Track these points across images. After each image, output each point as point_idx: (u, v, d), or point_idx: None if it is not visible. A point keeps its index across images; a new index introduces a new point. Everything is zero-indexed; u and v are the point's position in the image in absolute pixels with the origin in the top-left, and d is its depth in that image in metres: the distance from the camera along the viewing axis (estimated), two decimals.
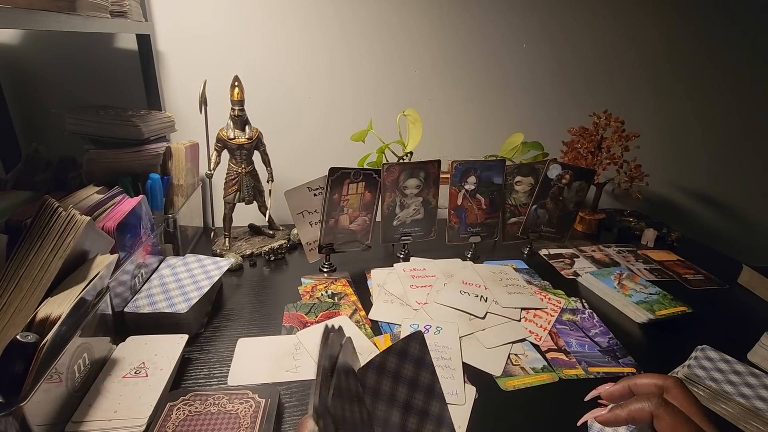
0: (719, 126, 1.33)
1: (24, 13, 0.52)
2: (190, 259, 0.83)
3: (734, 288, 0.94)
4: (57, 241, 0.53)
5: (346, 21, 1.07)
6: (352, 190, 0.87)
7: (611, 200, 1.35)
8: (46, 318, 0.48)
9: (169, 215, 0.87)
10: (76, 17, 0.63)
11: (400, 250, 0.99)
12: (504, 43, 1.15)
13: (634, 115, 1.16)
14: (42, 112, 1.02)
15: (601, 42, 1.19)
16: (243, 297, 0.83)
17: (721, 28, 1.21)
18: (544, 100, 1.23)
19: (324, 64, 1.10)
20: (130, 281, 0.71)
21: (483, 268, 0.93)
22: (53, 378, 0.47)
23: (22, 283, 0.50)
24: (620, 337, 0.74)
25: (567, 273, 0.95)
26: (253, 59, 1.06)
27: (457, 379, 0.62)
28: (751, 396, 0.58)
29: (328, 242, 0.90)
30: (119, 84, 1.03)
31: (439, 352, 0.67)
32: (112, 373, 0.57)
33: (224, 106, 0.90)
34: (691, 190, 1.40)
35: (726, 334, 0.77)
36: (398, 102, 1.16)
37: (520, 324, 0.76)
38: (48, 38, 0.98)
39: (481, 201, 0.97)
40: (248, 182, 0.97)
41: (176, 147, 0.93)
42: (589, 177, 0.99)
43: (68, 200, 0.69)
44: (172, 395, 0.55)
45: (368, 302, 0.81)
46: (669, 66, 1.24)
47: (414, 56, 1.13)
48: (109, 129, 0.85)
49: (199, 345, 0.69)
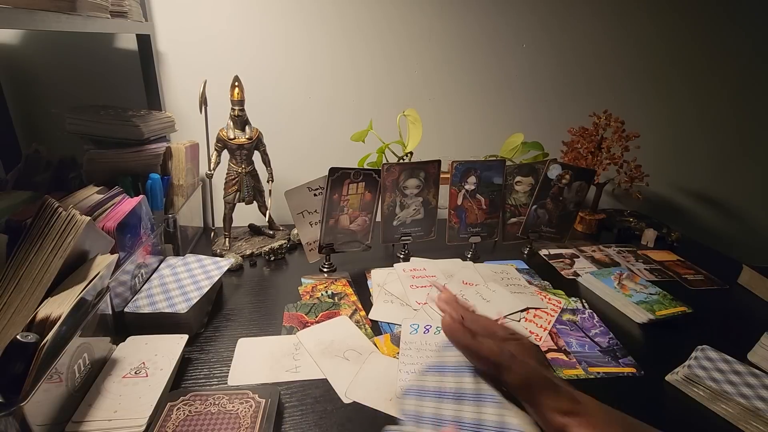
0: (719, 126, 1.33)
1: (24, 13, 0.52)
2: (190, 259, 0.83)
3: (734, 288, 0.94)
4: (57, 241, 0.53)
5: (347, 21, 1.07)
6: (352, 190, 0.87)
7: (611, 200, 1.35)
8: (46, 318, 0.48)
9: (169, 215, 0.87)
10: (76, 17, 0.63)
11: (400, 250, 0.99)
12: (504, 43, 1.15)
13: (634, 115, 1.16)
14: (42, 112, 1.02)
15: (601, 42, 1.19)
16: (243, 297, 0.83)
17: (721, 27, 1.21)
18: (545, 100, 1.23)
19: (324, 64, 1.10)
20: (130, 281, 0.71)
21: (484, 268, 0.93)
22: (53, 378, 0.47)
23: (22, 283, 0.50)
24: (620, 337, 0.74)
25: (567, 273, 0.95)
26: (253, 59, 1.06)
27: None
28: (752, 396, 0.58)
29: (328, 242, 0.90)
30: (119, 84, 1.03)
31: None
32: (112, 373, 0.57)
33: (224, 106, 0.90)
34: (691, 190, 1.40)
35: (726, 334, 0.77)
36: (398, 102, 1.16)
37: (520, 324, 0.76)
38: (48, 38, 0.98)
39: (481, 201, 0.97)
40: (248, 182, 0.97)
41: (176, 147, 0.93)
42: (589, 177, 0.99)
43: (68, 200, 0.69)
44: (172, 395, 0.55)
45: (368, 302, 0.81)
46: (669, 66, 1.24)
47: (414, 56, 1.13)
48: (109, 129, 0.85)
49: (199, 345, 0.69)
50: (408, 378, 0.61)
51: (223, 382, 0.61)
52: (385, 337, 0.71)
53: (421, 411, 0.44)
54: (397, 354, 0.67)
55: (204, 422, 0.52)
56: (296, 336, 0.71)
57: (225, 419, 0.52)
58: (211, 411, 0.53)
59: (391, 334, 0.72)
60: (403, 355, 0.65)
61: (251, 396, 0.55)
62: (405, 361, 0.64)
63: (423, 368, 0.49)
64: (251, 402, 0.55)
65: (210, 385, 0.61)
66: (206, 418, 0.52)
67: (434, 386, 0.45)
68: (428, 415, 0.43)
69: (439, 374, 0.46)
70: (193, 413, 0.53)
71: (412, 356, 0.65)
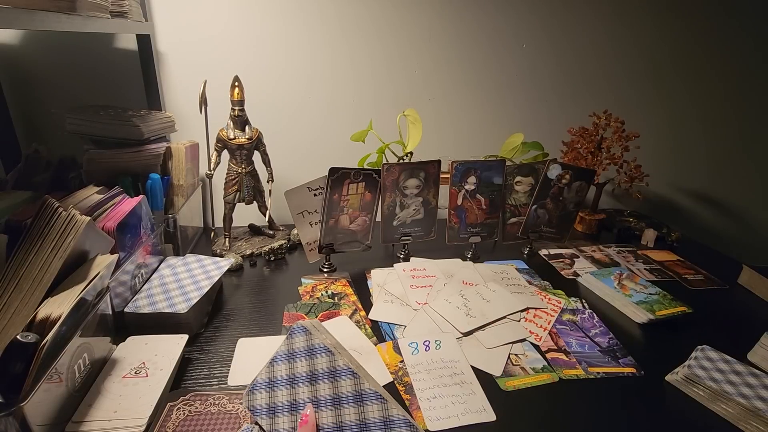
0: (719, 126, 1.33)
1: (24, 13, 0.52)
2: (190, 259, 0.83)
3: (734, 288, 0.94)
4: (57, 241, 0.53)
5: (347, 21, 1.07)
6: (352, 190, 0.87)
7: (611, 200, 1.35)
8: (47, 318, 0.48)
9: (169, 215, 0.87)
10: (76, 17, 0.63)
11: (400, 250, 0.99)
12: (504, 43, 1.15)
13: (634, 115, 1.16)
14: (42, 113, 1.02)
15: (601, 42, 1.19)
16: (243, 297, 0.83)
17: (722, 27, 1.21)
18: (545, 100, 1.23)
19: (324, 64, 1.10)
20: (130, 281, 0.71)
21: (484, 268, 0.93)
22: (53, 378, 0.47)
23: (22, 283, 0.50)
24: (620, 337, 0.74)
25: (567, 273, 0.95)
26: (253, 59, 1.06)
27: (478, 394, 0.61)
28: (751, 396, 0.58)
29: (328, 242, 0.90)
30: (119, 84, 1.03)
31: (449, 368, 0.65)
32: (112, 373, 0.57)
33: (224, 106, 0.90)
34: (691, 190, 1.40)
35: (726, 334, 0.77)
36: (398, 102, 1.16)
37: (520, 324, 0.76)
38: (48, 38, 0.98)
39: (481, 201, 0.97)
40: (248, 182, 0.97)
41: (176, 147, 0.93)
42: (589, 177, 0.99)
43: (68, 200, 0.69)
44: (172, 395, 0.56)
45: (368, 302, 0.81)
46: (669, 66, 1.24)
47: (414, 56, 1.13)
48: (109, 129, 0.85)
49: (199, 345, 0.69)
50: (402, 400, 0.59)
51: (223, 382, 0.61)
52: (387, 345, 0.70)
53: (274, 401, 0.44)
54: (400, 362, 0.66)
55: (204, 422, 0.52)
56: None
57: (225, 419, 0.52)
58: (211, 411, 0.53)
59: (393, 342, 0.70)
60: (416, 380, 0.62)
61: None
62: (421, 387, 0.61)
63: (270, 359, 0.49)
64: None
65: (210, 385, 0.61)
66: (206, 418, 0.52)
67: (285, 374, 0.46)
68: (282, 404, 0.44)
69: (289, 361, 0.47)
70: (193, 413, 0.53)
71: (425, 380, 0.62)
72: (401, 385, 0.62)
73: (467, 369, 0.65)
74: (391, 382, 0.62)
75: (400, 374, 0.64)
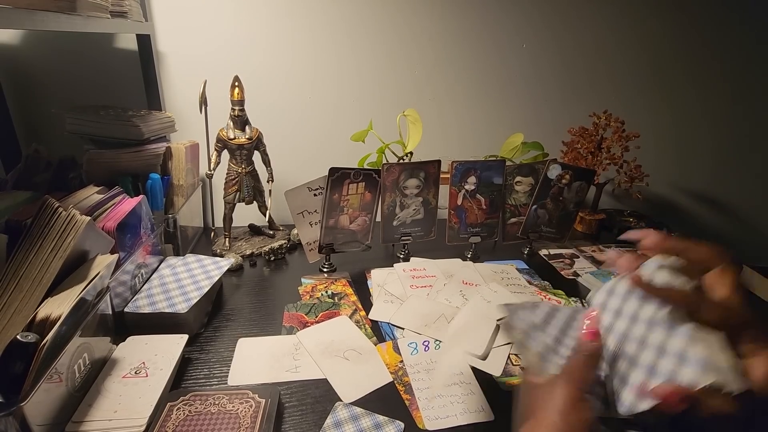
0: (720, 126, 1.32)
1: (24, 13, 0.52)
2: (190, 259, 0.83)
3: None
4: (57, 241, 0.53)
5: (348, 21, 1.07)
6: (352, 190, 0.87)
7: (611, 200, 1.35)
8: (46, 318, 0.48)
9: (169, 215, 0.87)
10: (77, 17, 0.63)
11: (400, 250, 0.99)
12: (504, 43, 1.15)
13: (634, 115, 1.16)
14: (42, 113, 1.02)
15: (602, 42, 1.19)
16: (243, 297, 0.83)
17: (724, 27, 1.21)
18: (545, 99, 1.23)
19: (324, 65, 1.10)
20: (130, 281, 0.71)
21: (484, 268, 0.93)
22: (53, 378, 0.47)
23: (22, 283, 0.50)
24: None
25: (567, 273, 0.95)
26: (254, 59, 1.06)
27: (477, 393, 0.61)
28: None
29: (328, 242, 0.90)
30: (119, 84, 1.03)
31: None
32: (112, 373, 0.57)
33: (224, 106, 0.90)
34: (691, 190, 1.40)
35: None
36: (398, 102, 1.16)
37: None
38: (48, 38, 0.98)
39: (481, 201, 0.97)
40: (248, 182, 0.97)
41: (176, 147, 0.93)
42: (589, 177, 0.99)
43: (68, 200, 0.69)
44: (172, 395, 0.56)
45: (368, 302, 0.81)
46: (671, 66, 1.24)
47: (415, 56, 1.13)
48: (109, 129, 0.85)
49: (199, 345, 0.69)
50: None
51: (223, 382, 0.61)
52: (387, 345, 0.70)
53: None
54: (400, 362, 0.66)
55: (204, 422, 0.52)
56: (296, 336, 0.71)
57: (225, 419, 0.52)
58: (211, 411, 0.53)
59: (393, 343, 0.70)
60: (415, 380, 0.63)
61: (251, 396, 0.55)
62: (421, 386, 0.61)
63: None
64: (251, 402, 0.55)
65: (210, 385, 0.61)
66: (206, 418, 0.52)
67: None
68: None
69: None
70: (193, 413, 0.53)
71: (424, 380, 0.63)
72: (401, 384, 0.62)
73: (466, 369, 0.65)
74: (391, 382, 0.62)
75: (399, 374, 0.64)
